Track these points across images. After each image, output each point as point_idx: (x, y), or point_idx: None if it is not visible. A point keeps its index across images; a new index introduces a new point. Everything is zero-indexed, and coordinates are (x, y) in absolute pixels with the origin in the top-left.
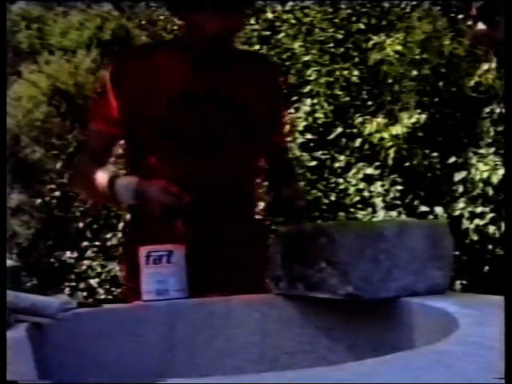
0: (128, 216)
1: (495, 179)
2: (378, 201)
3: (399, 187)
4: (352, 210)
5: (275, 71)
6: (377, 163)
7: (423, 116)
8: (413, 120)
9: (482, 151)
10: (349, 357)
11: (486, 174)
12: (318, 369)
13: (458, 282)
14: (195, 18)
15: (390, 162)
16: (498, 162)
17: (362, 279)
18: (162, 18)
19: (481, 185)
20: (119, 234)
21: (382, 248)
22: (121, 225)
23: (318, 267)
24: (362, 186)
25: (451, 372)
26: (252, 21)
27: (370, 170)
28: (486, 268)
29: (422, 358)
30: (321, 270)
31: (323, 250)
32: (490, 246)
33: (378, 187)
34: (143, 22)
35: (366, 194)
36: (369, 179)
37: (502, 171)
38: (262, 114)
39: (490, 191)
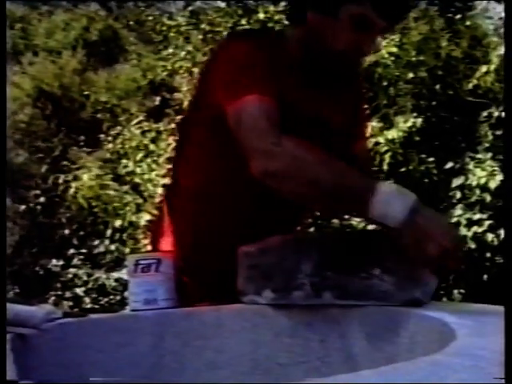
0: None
1: (493, 185)
2: None
3: None
4: (346, 216)
5: (362, 82)
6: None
7: (419, 120)
8: (409, 124)
9: (479, 156)
10: (343, 368)
11: (483, 180)
12: (311, 380)
13: (456, 291)
14: (322, 23)
15: (385, 167)
16: (496, 168)
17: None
18: (150, 18)
19: (478, 191)
20: (107, 242)
21: None
22: (109, 232)
23: (366, 274)
24: None
25: None
26: (243, 21)
27: None
28: (485, 276)
29: (418, 369)
30: (369, 277)
31: (373, 255)
32: (489, 254)
33: None
34: (131, 23)
35: None
36: None
37: (500, 177)
38: (350, 135)
39: (488, 197)
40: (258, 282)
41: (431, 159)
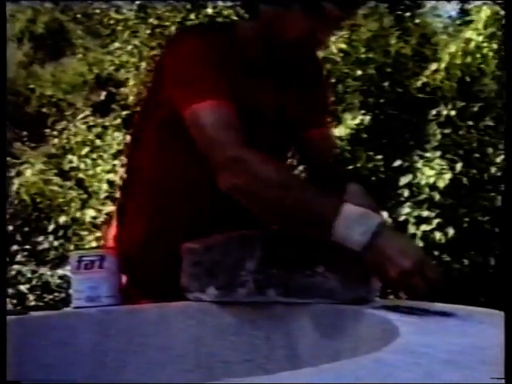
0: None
1: (441, 184)
2: None
3: None
4: None
5: (321, 71)
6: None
7: (367, 117)
8: (357, 121)
9: (428, 155)
10: (287, 366)
11: (432, 179)
12: (254, 378)
13: None
14: (275, 14)
15: None
16: (445, 166)
17: (373, 282)
18: (98, 11)
19: (427, 189)
20: (51, 238)
21: None
22: (51, 227)
23: (310, 272)
24: None
25: (390, 382)
26: (192, 16)
27: None
28: None
29: (361, 367)
30: (313, 275)
31: (318, 253)
32: (437, 252)
33: None
34: (78, 16)
35: None
36: None
37: (448, 175)
38: (309, 123)
39: (437, 196)
40: (202, 279)
41: (379, 157)
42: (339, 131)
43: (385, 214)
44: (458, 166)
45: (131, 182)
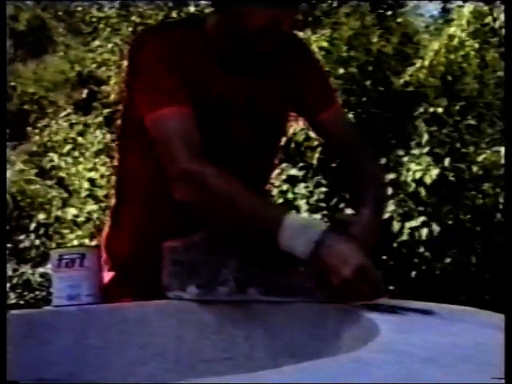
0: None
1: (428, 180)
2: (302, 203)
3: (324, 189)
4: None
5: (302, 56)
6: (301, 164)
7: (350, 116)
8: None
9: (414, 151)
10: (268, 364)
11: (418, 175)
12: (234, 377)
13: None
14: (235, 7)
15: (314, 162)
16: (432, 162)
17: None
18: (79, 9)
19: (413, 185)
20: (32, 236)
21: None
22: (32, 226)
23: (291, 271)
24: (285, 187)
25: (370, 381)
26: (174, 14)
27: (293, 171)
28: (414, 273)
29: (340, 366)
30: (294, 274)
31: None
32: (422, 249)
33: (301, 189)
34: (60, 13)
35: (289, 195)
36: (292, 180)
37: (435, 171)
38: (315, 109)
39: (423, 192)
40: (183, 278)
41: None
42: None
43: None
44: (446, 162)
45: (122, 185)
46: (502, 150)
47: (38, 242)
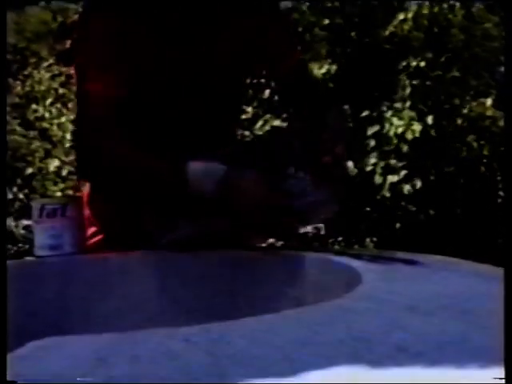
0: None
1: (410, 135)
2: None
3: None
4: None
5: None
6: (285, 115)
7: (334, 67)
8: (323, 70)
9: (397, 105)
10: (251, 313)
11: (400, 129)
12: (214, 325)
13: (368, 240)
14: None
15: None
16: (414, 117)
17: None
18: None
19: (395, 140)
20: (15, 189)
21: None
22: (18, 181)
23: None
24: None
25: (352, 328)
26: None
27: (277, 122)
28: (398, 225)
29: (322, 313)
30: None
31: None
32: (403, 203)
33: None
34: None
35: None
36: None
37: (418, 127)
38: (275, 62)
39: (405, 147)
40: (165, 228)
41: (346, 107)
42: None
43: (350, 164)
44: (429, 119)
45: None
46: (488, 101)
47: (21, 194)
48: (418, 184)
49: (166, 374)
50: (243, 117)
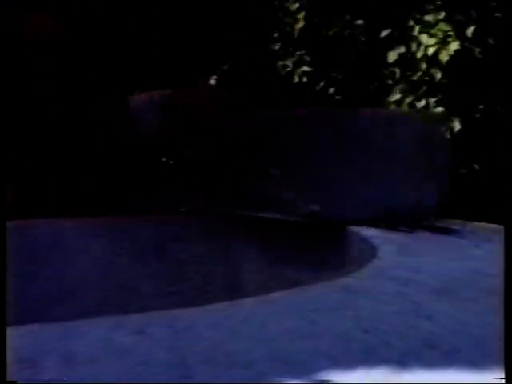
0: None
1: (445, 57)
2: None
3: (307, 68)
4: None
5: None
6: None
7: None
8: None
9: (428, 18)
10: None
11: (431, 50)
12: (178, 312)
13: None
14: None
15: (295, 34)
16: (451, 33)
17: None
18: None
19: (424, 66)
20: None
21: None
22: None
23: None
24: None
25: (361, 316)
26: None
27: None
28: None
29: (322, 296)
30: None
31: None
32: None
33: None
34: None
35: None
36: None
37: (455, 45)
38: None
39: (438, 74)
40: None
41: (359, 22)
42: None
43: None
44: (469, 32)
45: None
46: None
47: None
48: (457, 126)
49: (109, 378)
50: None
